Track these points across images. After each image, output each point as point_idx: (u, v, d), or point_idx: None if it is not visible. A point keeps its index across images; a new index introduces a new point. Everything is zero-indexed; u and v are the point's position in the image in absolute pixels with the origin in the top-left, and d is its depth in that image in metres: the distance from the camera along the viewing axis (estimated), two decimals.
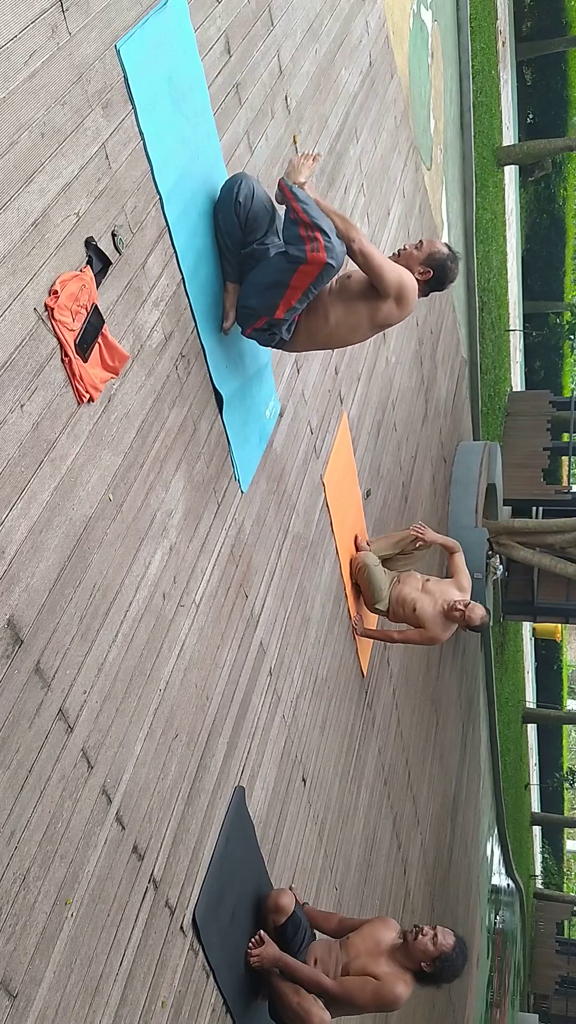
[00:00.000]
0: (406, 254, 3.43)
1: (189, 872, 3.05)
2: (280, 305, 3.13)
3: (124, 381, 2.68)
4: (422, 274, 3.42)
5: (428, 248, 3.43)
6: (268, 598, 3.91)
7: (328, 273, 3.03)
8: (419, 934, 3.45)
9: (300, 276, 3.03)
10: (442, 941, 3.43)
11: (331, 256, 2.97)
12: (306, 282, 3.05)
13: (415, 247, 3.44)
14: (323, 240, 2.97)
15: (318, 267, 2.98)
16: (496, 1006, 16.17)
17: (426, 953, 3.42)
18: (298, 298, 3.10)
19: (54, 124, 2.32)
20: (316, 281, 3.05)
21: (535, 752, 28.25)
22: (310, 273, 3.01)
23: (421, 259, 3.42)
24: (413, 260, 3.41)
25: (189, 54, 3.06)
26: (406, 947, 3.48)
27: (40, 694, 2.25)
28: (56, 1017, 2.27)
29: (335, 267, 3.01)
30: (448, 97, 9.70)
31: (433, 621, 5.28)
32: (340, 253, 3.02)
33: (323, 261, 2.96)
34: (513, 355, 18.04)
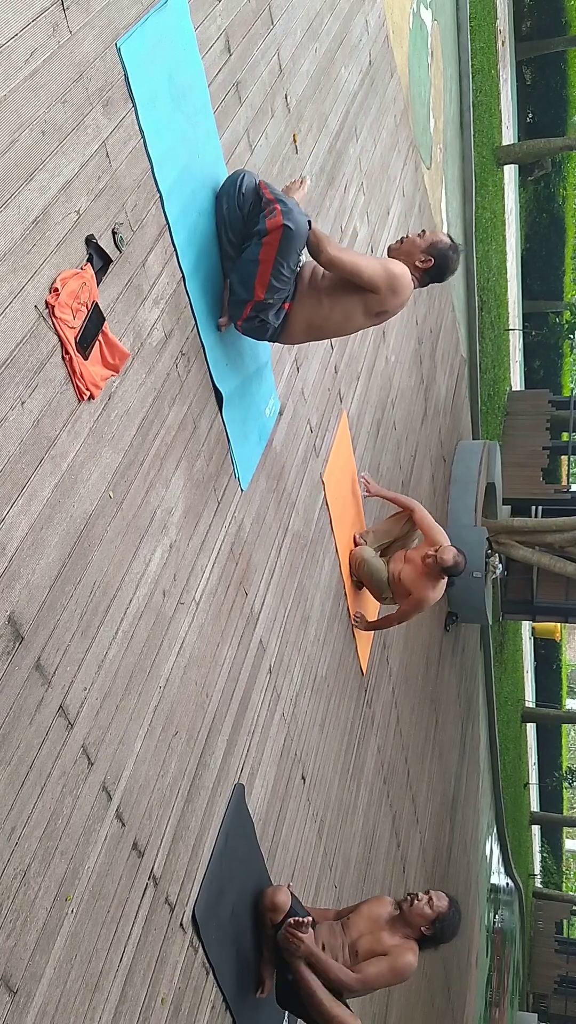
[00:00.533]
0: (408, 241, 3.45)
1: (189, 869, 3.06)
2: (256, 284, 3.13)
3: (124, 379, 2.68)
4: (423, 262, 3.43)
5: (431, 237, 3.45)
6: (268, 596, 3.92)
7: (289, 238, 3.03)
8: (414, 900, 3.58)
9: (266, 249, 3.06)
10: (437, 903, 3.57)
11: (287, 219, 3.00)
12: (271, 253, 3.06)
13: (418, 235, 3.46)
14: (280, 207, 3.02)
15: (277, 233, 3.02)
16: (495, 1005, 16.19)
17: (424, 917, 3.56)
18: (270, 272, 3.09)
19: (55, 122, 2.32)
20: (281, 250, 3.05)
21: (534, 751, 28.27)
22: (272, 243, 3.04)
23: (423, 247, 3.43)
24: (415, 248, 3.43)
25: (189, 52, 3.07)
26: (403, 916, 3.60)
27: (40, 691, 2.25)
28: (56, 1013, 2.28)
29: (293, 230, 3.02)
30: (448, 96, 9.71)
31: (416, 582, 5.24)
32: (299, 218, 3.03)
33: (279, 224, 3.01)
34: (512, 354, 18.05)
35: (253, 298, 3.16)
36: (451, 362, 9.51)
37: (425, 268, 3.44)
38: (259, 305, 3.18)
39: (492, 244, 13.60)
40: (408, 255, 3.43)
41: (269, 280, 3.12)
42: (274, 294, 3.17)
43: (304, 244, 3.12)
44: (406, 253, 3.43)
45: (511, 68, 17.77)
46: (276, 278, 3.12)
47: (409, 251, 3.43)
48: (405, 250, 3.43)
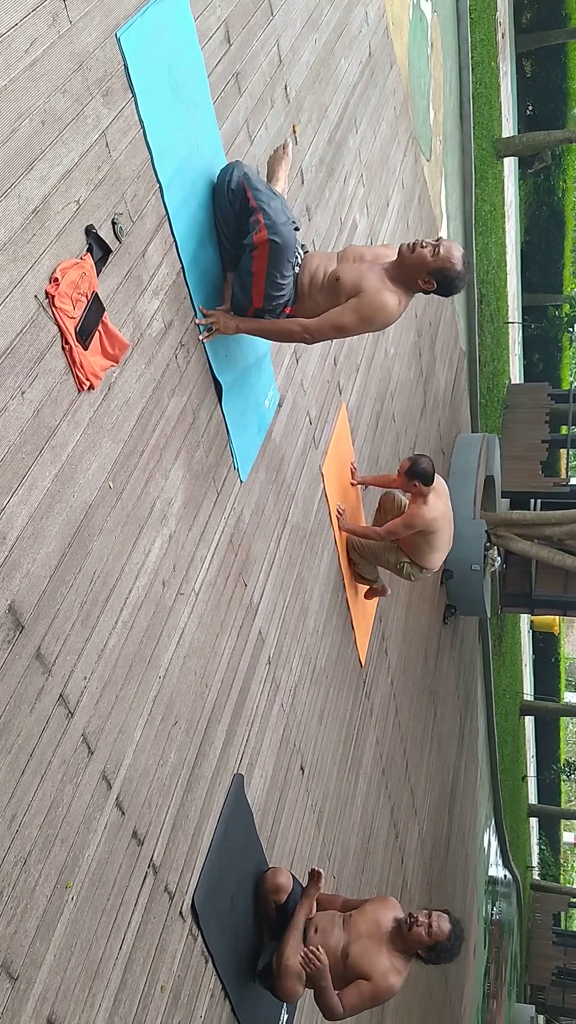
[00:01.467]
0: (420, 254, 3.18)
1: (188, 858, 3.07)
2: (253, 295, 3.15)
3: (124, 369, 2.69)
4: (426, 283, 3.23)
5: (444, 259, 3.20)
6: (267, 587, 3.93)
7: (277, 251, 3.02)
8: (414, 924, 3.47)
9: (257, 261, 3.07)
10: (436, 929, 3.46)
11: (271, 232, 3.00)
12: (263, 265, 3.07)
13: (432, 252, 3.19)
14: (264, 220, 3.01)
15: (265, 247, 3.02)
16: (493, 997, 16.26)
17: (421, 942, 3.47)
18: (264, 283, 3.10)
19: (54, 112, 2.32)
20: (272, 263, 3.05)
21: (532, 744, 28.32)
22: (262, 256, 3.04)
23: (431, 269, 3.20)
24: (423, 266, 3.20)
25: (189, 43, 3.07)
26: (402, 934, 3.51)
27: (41, 679, 2.26)
28: (56, 1000, 2.29)
29: (280, 243, 3.02)
30: (448, 88, 9.68)
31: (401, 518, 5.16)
32: (284, 229, 3.02)
33: (264, 239, 3.01)
34: (512, 347, 18.04)
35: (252, 306, 3.18)
36: (450, 355, 9.51)
37: (425, 288, 3.26)
38: (259, 312, 3.19)
39: (492, 237, 13.58)
40: (413, 270, 3.22)
41: (265, 290, 3.14)
42: (271, 302, 3.18)
43: (294, 251, 3.11)
44: (411, 268, 3.21)
45: (511, 60, 17.72)
46: (271, 287, 3.13)
47: (415, 266, 3.21)
48: (411, 264, 3.20)
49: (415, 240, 3.24)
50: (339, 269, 3.24)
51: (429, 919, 3.48)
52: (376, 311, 3.19)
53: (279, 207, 3.06)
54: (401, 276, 3.25)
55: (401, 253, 3.24)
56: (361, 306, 3.17)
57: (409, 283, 3.27)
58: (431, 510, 5.12)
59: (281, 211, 3.06)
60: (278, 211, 3.05)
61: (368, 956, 3.47)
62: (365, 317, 3.20)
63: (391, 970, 3.48)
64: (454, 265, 3.22)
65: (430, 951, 3.47)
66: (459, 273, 3.24)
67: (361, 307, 3.18)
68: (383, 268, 3.25)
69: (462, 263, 3.25)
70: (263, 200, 3.04)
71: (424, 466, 5.00)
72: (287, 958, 3.44)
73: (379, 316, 3.21)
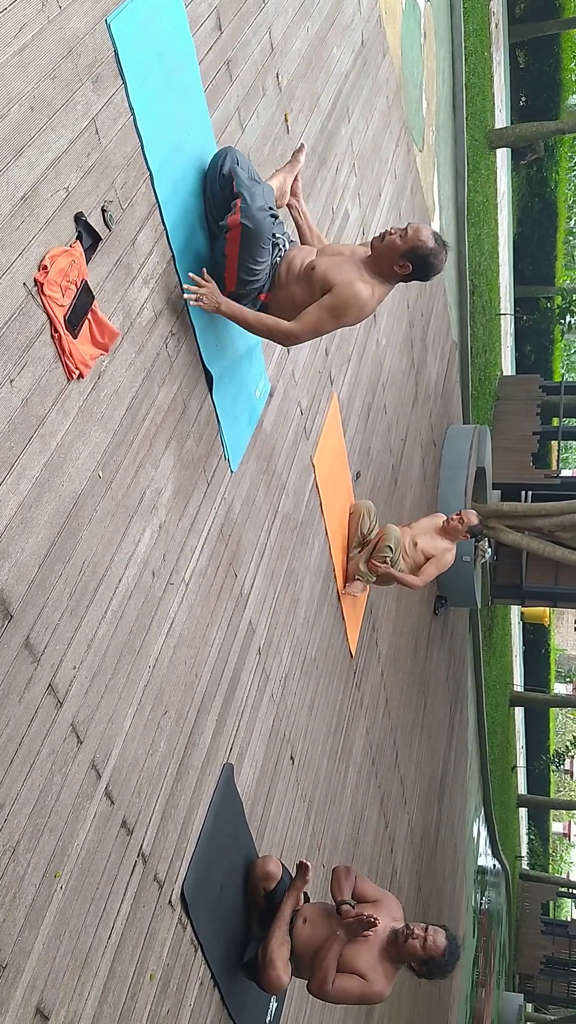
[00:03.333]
0: (389, 241, 3.19)
1: (178, 847, 3.08)
2: (226, 277, 3.12)
3: (114, 358, 2.68)
4: (401, 267, 3.21)
5: (412, 240, 3.17)
6: (257, 578, 3.92)
7: (249, 235, 3.01)
8: (409, 937, 3.44)
9: (229, 244, 3.05)
10: (431, 944, 3.42)
11: (244, 216, 2.99)
12: (235, 249, 3.05)
13: (400, 235, 3.19)
14: (240, 203, 3.00)
15: (237, 231, 3.01)
16: (482, 985, 16.36)
17: (414, 956, 3.45)
18: (236, 267, 3.08)
19: (44, 98, 2.31)
20: (244, 247, 3.04)
21: (522, 735, 28.46)
22: (234, 239, 3.03)
23: (402, 251, 3.18)
24: (394, 251, 3.19)
25: (180, 30, 3.05)
26: (397, 944, 3.49)
27: (30, 669, 2.26)
28: (45, 988, 2.30)
29: (252, 228, 3.00)
30: (440, 78, 9.65)
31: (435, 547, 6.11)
32: (258, 214, 3.01)
33: (237, 222, 3.00)
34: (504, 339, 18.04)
35: (226, 289, 3.16)
36: (442, 346, 9.50)
37: (403, 274, 3.24)
38: (233, 295, 3.18)
39: (484, 228, 13.56)
40: (386, 258, 3.20)
41: (237, 274, 3.12)
42: (244, 287, 3.16)
43: (268, 238, 3.08)
44: (384, 255, 3.20)
45: (504, 50, 17.67)
46: (244, 272, 3.11)
47: (387, 253, 3.19)
48: (383, 252, 3.20)
49: (384, 231, 3.25)
50: (315, 260, 3.24)
51: (425, 933, 3.45)
52: (347, 304, 3.16)
53: (259, 193, 3.05)
54: (376, 266, 3.25)
55: (373, 245, 3.25)
56: (334, 302, 3.16)
57: (385, 272, 3.25)
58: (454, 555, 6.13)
59: (259, 197, 3.04)
60: (256, 196, 3.03)
61: (361, 956, 3.47)
62: (337, 312, 3.17)
63: (382, 976, 3.47)
64: (424, 243, 3.19)
65: (423, 965, 3.45)
66: (432, 249, 3.21)
67: (334, 303, 3.16)
68: (360, 260, 3.25)
69: (434, 240, 3.22)
70: (244, 185, 3.03)
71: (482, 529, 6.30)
72: (272, 950, 3.45)
73: (351, 309, 3.19)
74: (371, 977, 3.45)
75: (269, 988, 3.48)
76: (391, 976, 3.51)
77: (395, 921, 3.60)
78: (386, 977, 3.48)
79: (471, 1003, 14.82)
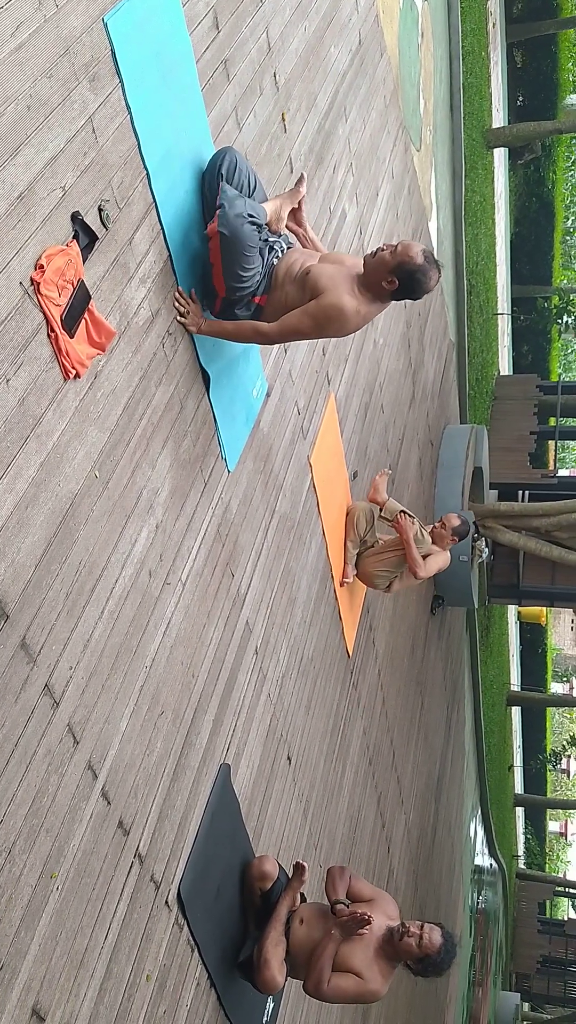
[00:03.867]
0: (380, 256, 3.17)
1: (174, 848, 3.07)
2: (215, 283, 3.13)
3: (111, 358, 2.67)
4: (388, 283, 3.18)
5: (400, 256, 3.16)
6: (254, 578, 3.92)
7: (227, 244, 3.01)
8: (405, 935, 3.44)
9: (212, 252, 3.06)
10: (427, 942, 3.42)
11: (221, 224, 3.00)
12: (217, 257, 3.06)
13: (390, 251, 3.17)
14: (218, 211, 3.01)
15: (216, 239, 3.02)
16: (478, 985, 16.37)
17: (410, 954, 3.45)
18: (222, 273, 3.08)
19: (40, 96, 2.30)
20: (225, 255, 3.04)
21: (519, 734, 28.48)
22: (215, 247, 3.04)
23: (390, 267, 3.15)
24: (383, 267, 3.16)
25: (177, 29, 3.04)
26: (392, 942, 3.49)
27: (26, 669, 2.25)
28: (41, 989, 2.29)
29: (228, 235, 3.00)
30: (438, 78, 9.65)
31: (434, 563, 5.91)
32: (233, 223, 3.00)
33: (215, 231, 3.01)
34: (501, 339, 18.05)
35: (218, 294, 3.17)
36: (439, 346, 9.50)
37: (391, 290, 3.21)
38: (226, 300, 3.18)
39: (481, 228, 13.57)
40: (375, 273, 3.18)
41: (225, 281, 3.12)
42: (235, 293, 3.16)
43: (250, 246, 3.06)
44: (373, 271, 3.18)
45: (502, 50, 17.68)
46: (231, 279, 3.11)
47: (377, 269, 3.18)
48: (373, 267, 3.18)
49: (377, 247, 3.23)
50: (312, 265, 3.22)
51: (421, 931, 3.45)
52: (327, 315, 3.15)
53: (240, 203, 3.03)
54: (367, 282, 3.23)
55: (365, 261, 3.23)
56: (317, 310, 3.14)
57: (375, 288, 3.23)
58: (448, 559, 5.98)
59: (239, 205, 3.02)
60: (235, 204, 3.02)
61: (357, 955, 3.46)
62: (318, 321, 3.16)
63: (378, 975, 3.48)
64: (413, 259, 3.17)
65: (418, 963, 3.45)
66: (419, 266, 3.18)
67: (316, 311, 3.15)
68: (355, 275, 3.24)
69: (423, 257, 3.19)
70: (225, 195, 3.04)
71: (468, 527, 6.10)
72: (267, 950, 3.44)
73: (332, 321, 3.17)
74: (367, 975, 3.45)
75: (263, 988, 3.48)
76: (387, 974, 3.50)
77: (391, 920, 3.60)
78: (382, 975, 3.48)
79: (468, 1002, 14.83)
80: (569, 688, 41.78)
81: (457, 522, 5.97)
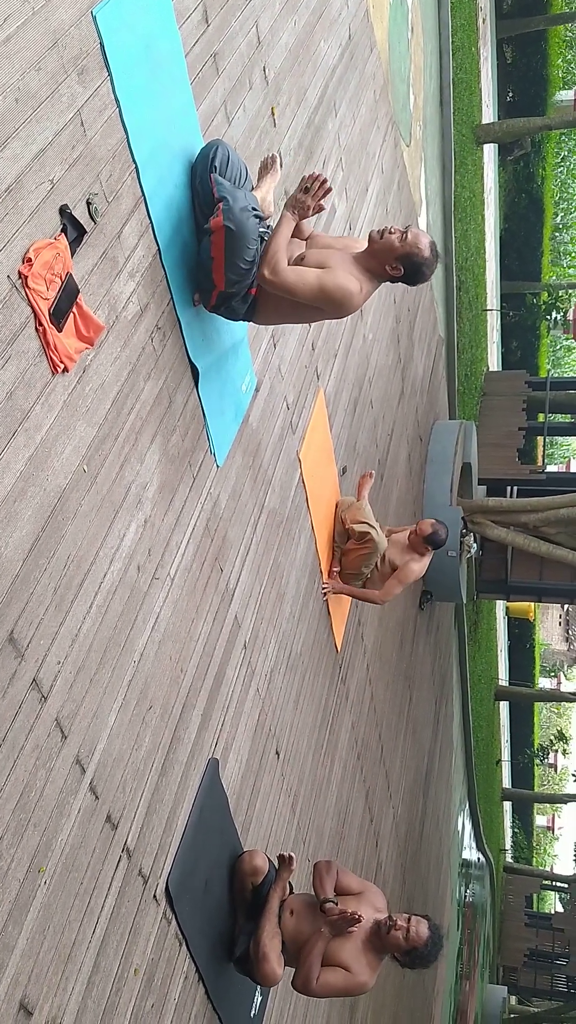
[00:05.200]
0: (388, 239, 3.21)
1: (163, 842, 3.08)
2: (215, 278, 3.12)
3: (99, 352, 2.67)
4: (393, 269, 3.24)
5: (412, 244, 3.21)
6: (243, 573, 3.92)
7: (232, 238, 3.01)
8: (392, 928, 3.46)
9: (215, 246, 3.05)
10: (414, 935, 3.45)
11: (227, 219, 3.00)
12: (220, 251, 3.06)
13: (400, 238, 3.21)
14: (222, 206, 3.01)
15: (221, 233, 3.02)
16: (466, 978, 16.44)
17: (398, 946, 3.47)
18: (223, 267, 3.08)
19: (28, 89, 2.29)
20: (228, 249, 3.03)
21: (507, 729, 28.57)
22: (219, 242, 3.04)
23: (398, 254, 3.21)
24: (391, 252, 3.21)
25: (166, 22, 3.03)
26: (380, 934, 3.51)
27: (14, 664, 2.25)
28: (29, 983, 2.29)
29: (235, 231, 3.00)
30: (428, 73, 9.64)
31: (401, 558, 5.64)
32: (240, 217, 3.01)
33: (220, 225, 3.01)
34: (490, 335, 18.08)
35: (216, 288, 3.16)
36: (429, 341, 9.51)
37: (394, 275, 3.27)
38: (223, 294, 3.18)
39: (471, 223, 13.57)
40: (380, 257, 3.23)
41: (225, 274, 3.11)
42: (234, 285, 3.15)
43: (253, 238, 3.08)
44: (379, 254, 3.23)
45: (491, 46, 17.67)
46: (231, 271, 3.11)
47: (383, 253, 3.22)
48: (379, 249, 3.22)
49: (385, 226, 3.25)
50: (305, 252, 3.25)
51: (408, 924, 3.47)
52: (334, 289, 3.16)
53: (241, 195, 3.05)
54: (369, 263, 3.26)
55: (371, 239, 3.26)
56: (324, 278, 3.15)
57: (377, 270, 3.27)
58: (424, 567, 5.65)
59: (242, 198, 3.04)
60: (238, 198, 3.03)
61: (345, 948, 3.48)
62: (326, 290, 3.15)
63: (366, 967, 3.50)
64: (421, 251, 3.24)
65: (406, 955, 3.48)
66: (426, 260, 3.26)
67: (324, 278, 3.15)
68: (352, 255, 3.27)
69: (430, 250, 3.26)
70: (225, 189, 3.04)
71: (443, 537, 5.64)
72: (264, 944, 3.45)
73: (336, 295, 3.17)
74: (355, 968, 3.46)
75: (264, 981, 3.49)
76: (375, 967, 3.52)
77: (378, 912, 3.62)
78: (370, 968, 3.50)
79: (455, 995, 14.90)
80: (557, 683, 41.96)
81: (429, 531, 5.60)
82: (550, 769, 40.39)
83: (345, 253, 3.28)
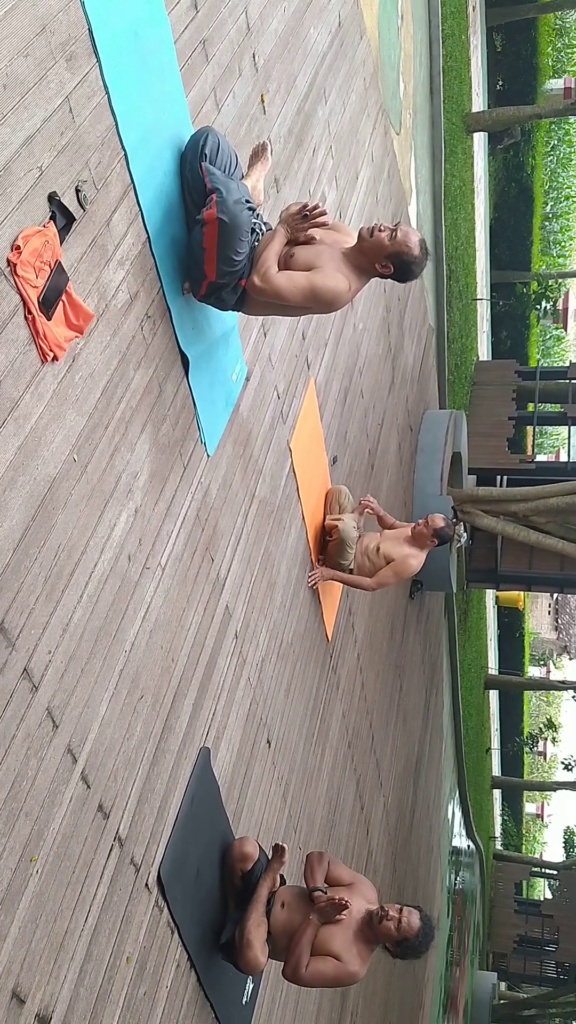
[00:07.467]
0: (378, 237, 3.21)
1: (154, 831, 3.08)
2: (205, 268, 3.12)
3: (89, 340, 2.65)
4: (383, 267, 3.25)
5: (401, 243, 3.22)
6: (234, 562, 3.92)
7: (225, 230, 3.01)
8: (383, 918, 3.48)
9: (207, 237, 3.04)
10: (405, 926, 3.46)
11: (221, 211, 2.99)
12: (213, 243, 3.05)
13: (390, 236, 3.22)
14: (216, 198, 3.00)
15: (214, 225, 3.01)
16: (456, 964, 16.56)
17: (389, 937, 3.49)
18: (215, 258, 3.08)
19: (16, 76, 2.27)
20: (221, 240, 3.03)
21: (496, 717, 28.71)
22: (211, 233, 3.03)
23: (388, 252, 3.22)
24: (380, 250, 3.23)
25: (155, 8, 3.01)
26: (372, 925, 3.52)
27: (4, 653, 2.25)
28: (21, 972, 2.30)
29: (228, 222, 3.00)
30: (418, 61, 9.61)
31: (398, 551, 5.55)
32: (234, 209, 3.00)
33: (214, 217, 3.00)
34: (480, 324, 18.06)
35: (206, 278, 3.15)
36: (419, 331, 9.51)
37: (383, 272, 3.28)
38: (213, 284, 3.17)
39: (461, 212, 13.55)
40: (370, 255, 3.24)
41: (217, 265, 3.11)
42: (225, 276, 3.15)
43: (246, 231, 3.07)
44: (368, 252, 3.24)
45: (481, 34, 17.60)
46: (223, 262, 3.10)
47: (372, 251, 3.23)
48: (369, 247, 3.23)
49: (374, 224, 3.26)
50: (295, 249, 3.23)
51: (399, 914, 3.49)
52: (324, 291, 3.18)
53: (234, 187, 3.05)
54: (359, 260, 3.27)
55: (360, 236, 3.26)
56: (315, 280, 3.17)
57: (366, 267, 3.28)
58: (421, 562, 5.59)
59: (235, 190, 3.04)
60: (231, 190, 3.02)
61: (336, 938, 3.50)
62: (316, 292, 3.17)
63: (357, 957, 3.51)
64: (411, 250, 3.25)
65: (397, 946, 3.50)
66: (416, 258, 3.27)
67: (314, 281, 3.17)
68: (341, 252, 3.26)
69: (419, 248, 3.27)
70: (218, 180, 3.03)
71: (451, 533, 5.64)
72: (249, 931, 3.47)
73: (326, 296, 3.19)
74: (345, 958, 3.48)
75: (246, 969, 3.51)
76: (366, 957, 3.54)
77: (369, 904, 3.64)
78: (360, 958, 3.52)
79: (445, 982, 15.01)
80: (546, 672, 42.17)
81: (441, 524, 5.57)
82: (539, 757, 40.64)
83: (334, 250, 3.26)
